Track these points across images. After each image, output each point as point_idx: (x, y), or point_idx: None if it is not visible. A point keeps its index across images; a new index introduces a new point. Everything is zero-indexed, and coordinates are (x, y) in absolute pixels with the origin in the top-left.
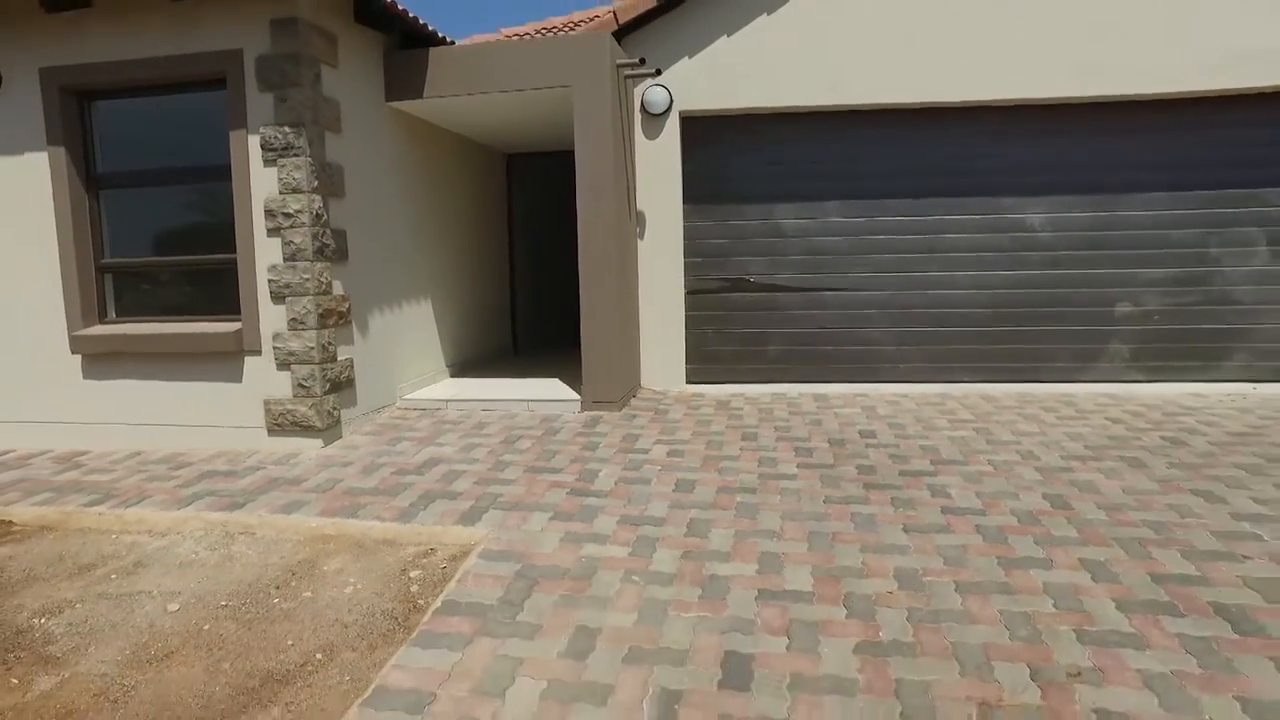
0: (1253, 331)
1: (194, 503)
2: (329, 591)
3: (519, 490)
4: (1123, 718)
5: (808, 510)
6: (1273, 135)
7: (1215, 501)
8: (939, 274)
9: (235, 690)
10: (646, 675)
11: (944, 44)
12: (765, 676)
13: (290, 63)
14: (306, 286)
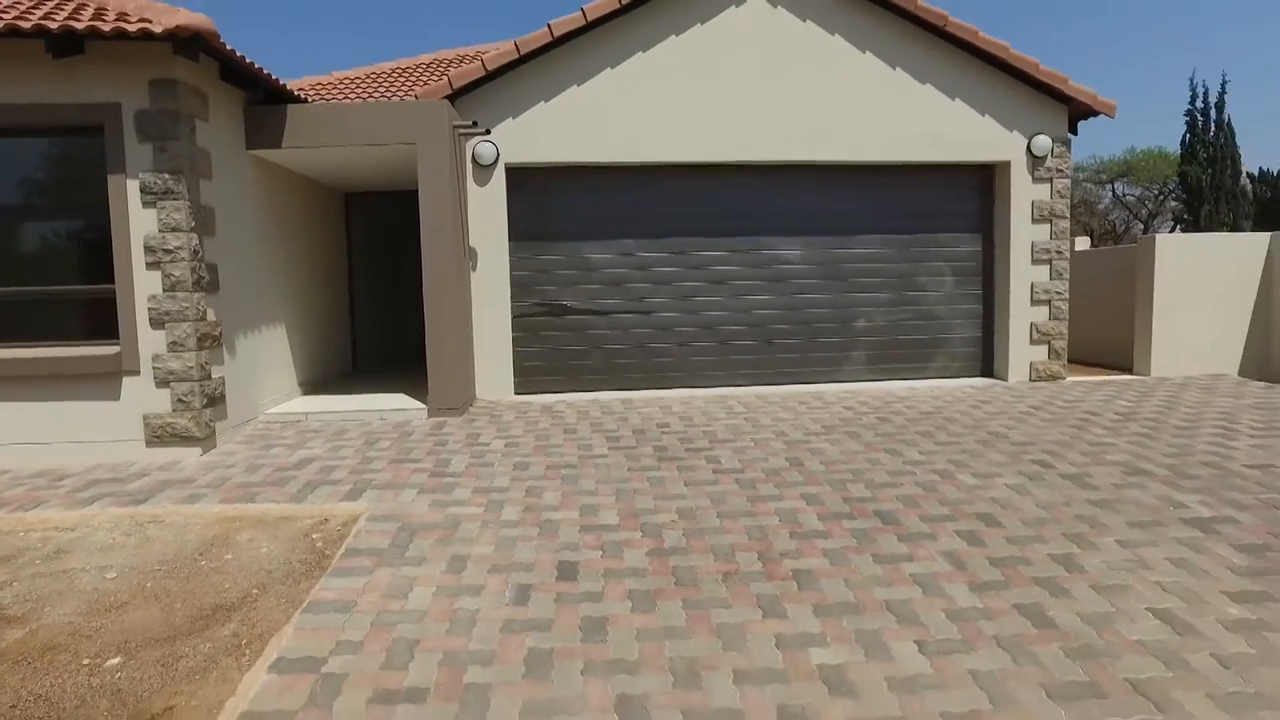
0: (947, 340)
1: (94, 502)
2: (247, 554)
3: (388, 475)
4: (808, 573)
5: (615, 476)
6: (947, 194)
7: (895, 455)
8: (719, 299)
9: (193, 619)
10: (505, 578)
11: (717, 117)
12: (587, 572)
13: (170, 118)
14: (186, 314)
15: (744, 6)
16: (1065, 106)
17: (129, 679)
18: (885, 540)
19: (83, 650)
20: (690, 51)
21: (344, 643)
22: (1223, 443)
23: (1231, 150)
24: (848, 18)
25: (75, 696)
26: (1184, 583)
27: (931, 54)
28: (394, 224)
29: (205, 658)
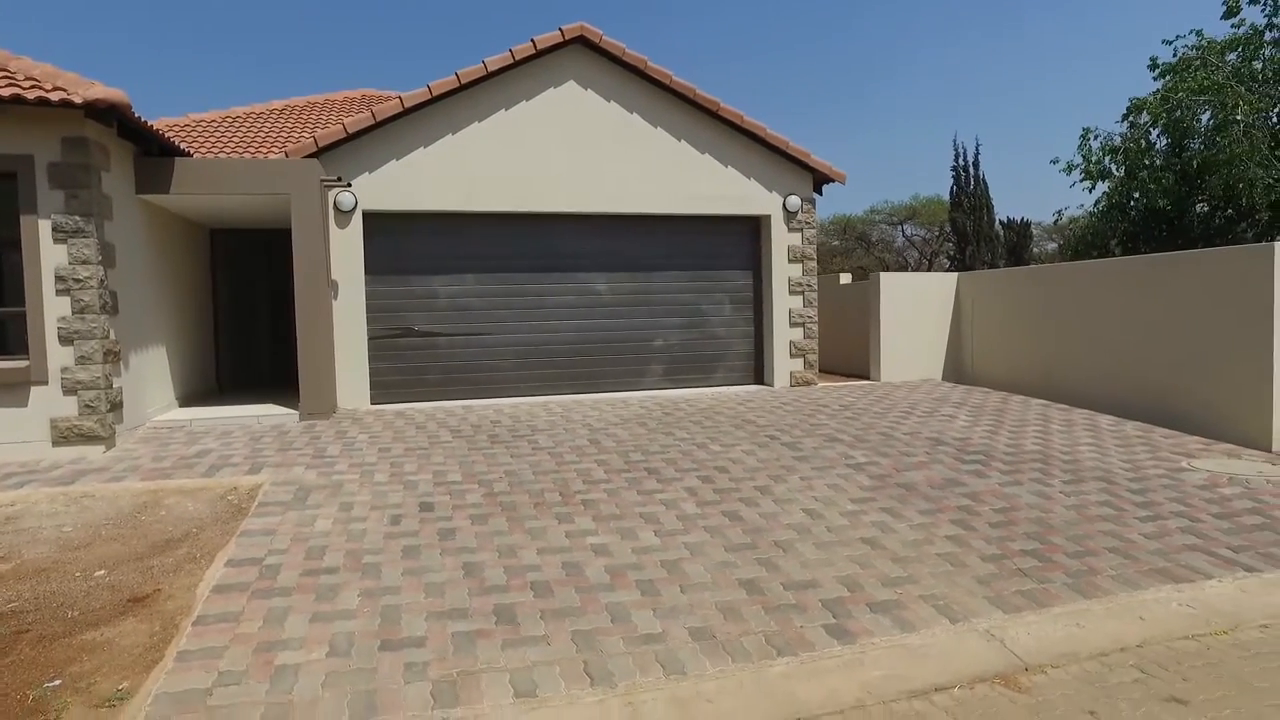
0: (727, 354)
1: (24, 486)
2: (177, 510)
3: (278, 459)
4: (591, 500)
5: (458, 454)
6: (725, 239)
7: (669, 435)
8: (542, 322)
9: (151, 548)
10: (381, 513)
11: (539, 173)
12: (440, 507)
13: (81, 170)
14: (95, 332)
15: (561, 88)
16: (810, 174)
17: (117, 581)
18: (648, 483)
19: (70, 570)
20: (517, 121)
21: (274, 550)
22: (898, 421)
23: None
24: (643, 99)
25: (80, 591)
26: (828, 496)
27: (709, 131)
28: (252, 257)
29: (172, 565)
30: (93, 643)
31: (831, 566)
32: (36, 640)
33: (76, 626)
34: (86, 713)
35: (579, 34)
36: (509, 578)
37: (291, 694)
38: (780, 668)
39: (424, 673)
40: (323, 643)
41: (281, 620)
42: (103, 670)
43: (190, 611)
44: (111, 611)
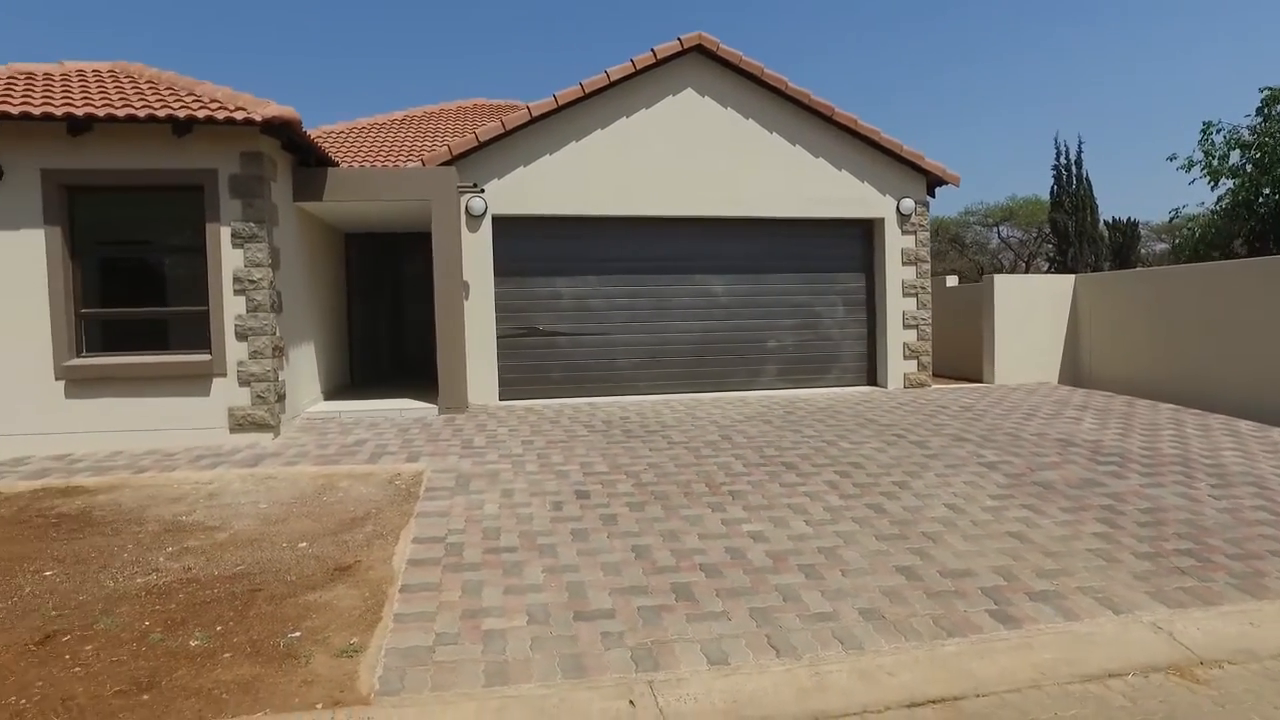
0: (840, 356)
1: (216, 468)
2: (352, 493)
3: (430, 448)
4: (738, 492)
5: (598, 447)
6: (838, 242)
7: (796, 433)
8: (661, 323)
9: (339, 525)
10: (542, 499)
11: (657, 179)
12: (595, 495)
13: (256, 181)
14: (265, 329)
15: (679, 95)
16: (923, 176)
17: (319, 552)
18: (788, 476)
19: (276, 541)
20: (637, 127)
21: (452, 530)
22: (1022, 422)
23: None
24: (759, 105)
25: (291, 560)
26: (966, 492)
27: (822, 135)
28: (377, 260)
29: (363, 541)
30: (316, 603)
31: (983, 557)
32: (269, 598)
33: (297, 589)
34: (329, 660)
35: (697, 43)
36: (677, 560)
37: (505, 654)
38: (952, 647)
39: (620, 640)
40: (520, 612)
41: (478, 591)
42: (332, 627)
43: (393, 581)
44: (323, 578)
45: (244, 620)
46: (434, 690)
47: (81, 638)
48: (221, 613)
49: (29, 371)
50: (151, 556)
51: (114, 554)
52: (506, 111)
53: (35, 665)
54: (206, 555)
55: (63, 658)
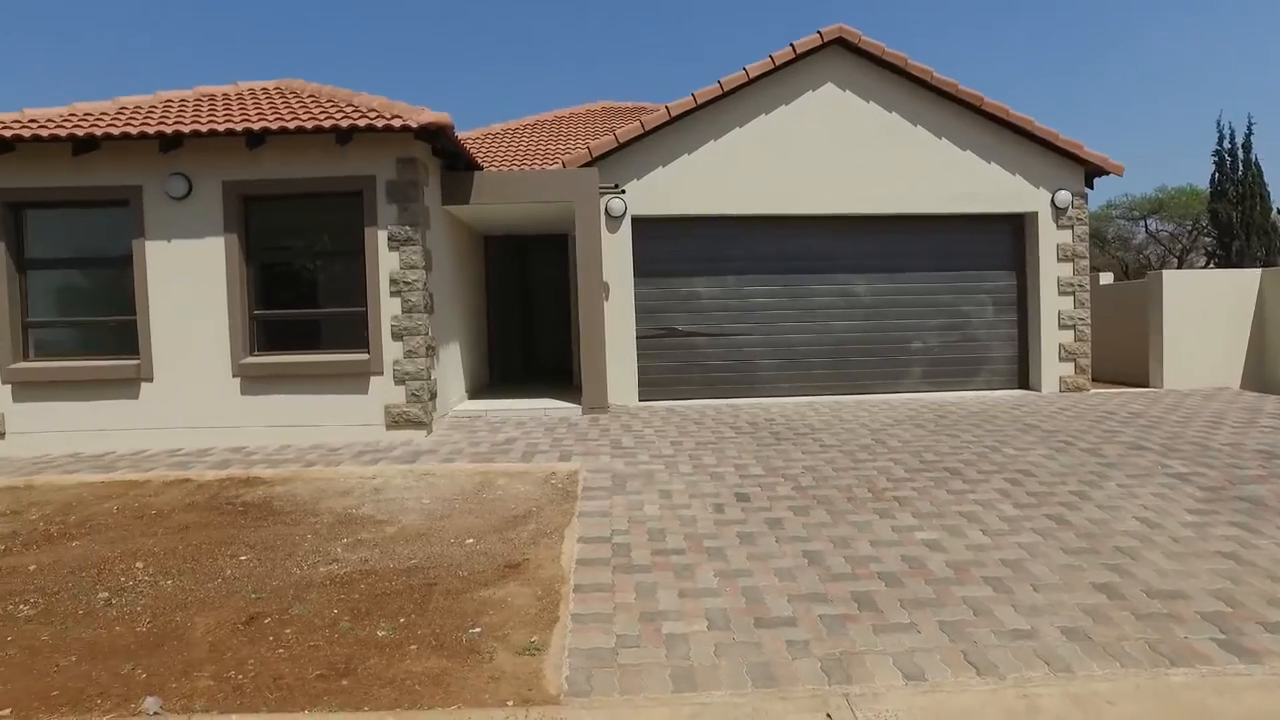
0: (989, 358)
1: (377, 463)
2: (511, 490)
3: (580, 448)
4: (904, 498)
5: (749, 448)
6: (987, 238)
7: (954, 438)
8: (800, 324)
9: (501, 522)
10: (702, 501)
11: (797, 177)
12: (755, 498)
13: (410, 185)
14: (419, 329)
15: (820, 90)
16: (1081, 167)
17: (486, 549)
18: (954, 483)
19: (443, 536)
20: (776, 125)
21: (616, 530)
22: (1208, 431)
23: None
24: (902, 98)
25: (460, 556)
26: (1158, 505)
27: (969, 127)
28: (514, 261)
29: (528, 538)
30: (491, 600)
31: (1194, 578)
32: (445, 593)
33: (470, 585)
34: (512, 658)
35: (838, 35)
36: (853, 567)
37: (690, 659)
38: (1180, 678)
39: (807, 650)
40: (699, 616)
41: (652, 594)
42: (510, 624)
43: (564, 580)
44: (493, 575)
45: (425, 614)
46: (623, 694)
47: (280, 621)
48: (402, 605)
49: (213, 369)
50: (329, 547)
51: (296, 543)
52: (635, 114)
53: (246, 643)
54: (380, 548)
55: (267, 638)
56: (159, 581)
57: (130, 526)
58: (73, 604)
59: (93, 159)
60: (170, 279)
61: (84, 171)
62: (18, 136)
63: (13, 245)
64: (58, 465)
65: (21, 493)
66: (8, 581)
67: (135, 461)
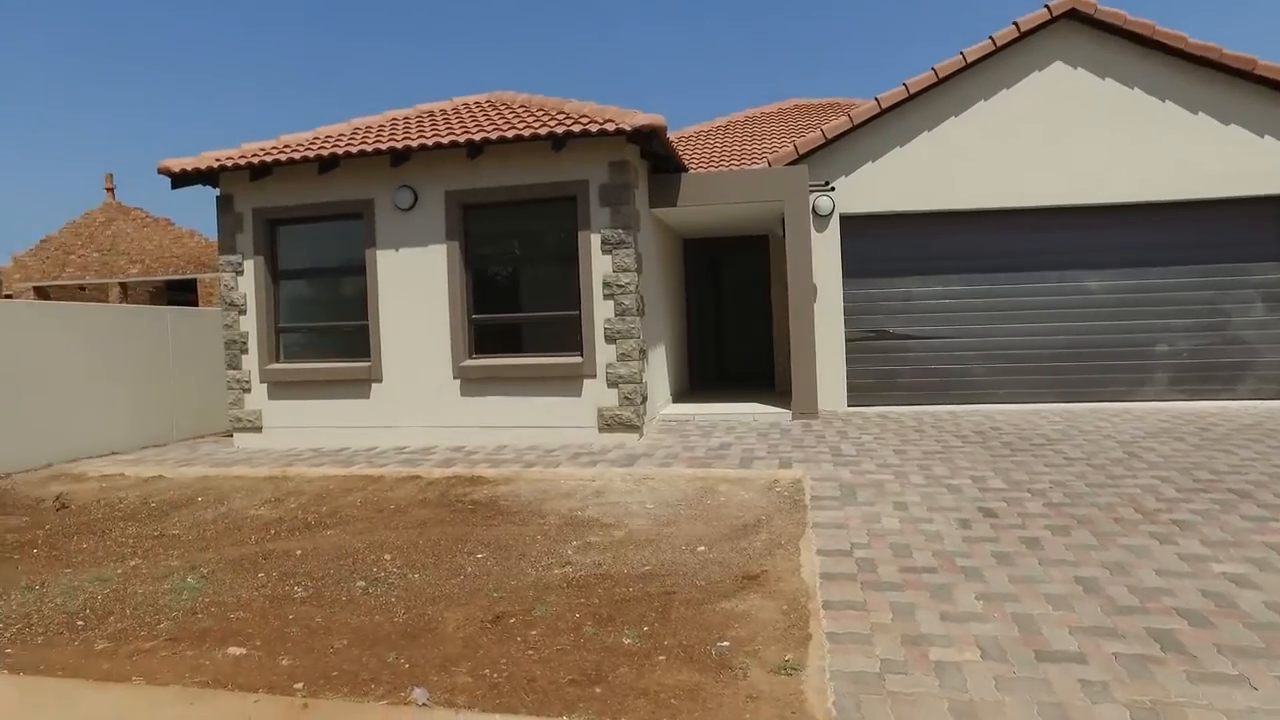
0: (1254, 364)
1: (595, 465)
2: (735, 497)
3: (799, 455)
4: (1184, 522)
5: (982, 459)
6: (1250, 226)
7: (1229, 454)
8: (1024, 325)
9: (730, 530)
10: (943, 515)
11: (1020, 166)
12: (1003, 514)
13: (622, 189)
14: (632, 332)
15: (1047, 70)
16: None
17: (720, 558)
18: (1245, 507)
19: (673, 543)
20: (997, 110)
21: (856, 544)
22: None
23: None
24: (1146, 72)
25: (694, 564)
26: None
27: (1234, 97)
28: (708, 263)
29: (761, 549)
30: (733, 612)
31: None
32: (685, 602)
33: (710, 595)
34: (767, 676)
35: (1069, 8)
36: (1140, 600)
37: (968, 692)
38: None
39: (1107, 693)
40: (968, 643)
41: (910, 615)
42: (758, 640)
43: (809, 595)
44: (732, 586)
45: (667, 623)
46: None
47: (525, 622)
48: (643, 612)
49: (435, 371)
50: (560, 549)
51: (528, 543)
52: (827, 110)
53: (495, 642)
54: (611, 552)
55: (515, 639)
56: (407, 575)
57: (373, 519)
58: (336, 590)
59: (333, 176)
60: (397, 285)
61: (326, 188)
62: (276, 160)
63: (269, 258)
64: (304, 459)
65: (280, 482)
66: (281, 564)
67: (369, 458)
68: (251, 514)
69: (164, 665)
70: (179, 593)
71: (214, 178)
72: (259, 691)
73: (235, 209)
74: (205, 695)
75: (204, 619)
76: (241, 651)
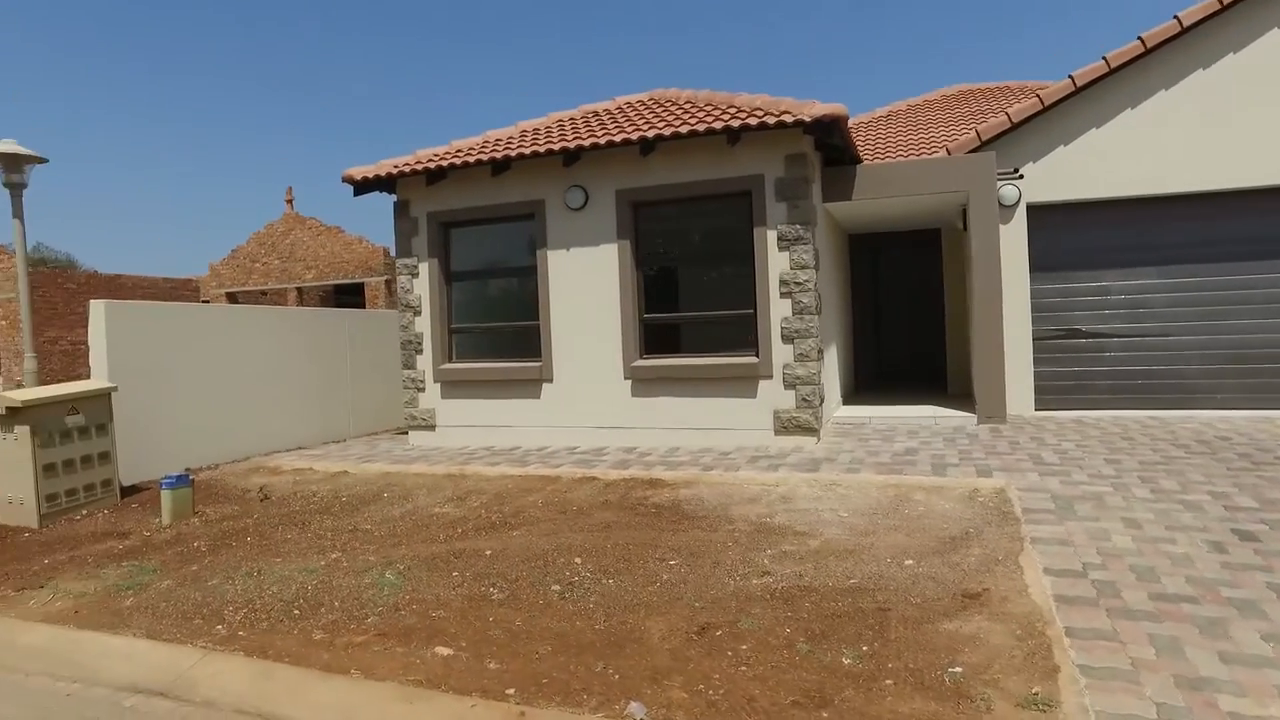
0: None
1: (776, 470)
2: (934, 507)
3: (996, 463)
4: None
5: (1217, 473)
6: None
7: None
8: (1247, 321)
9: (935, 543)
10: (1186, 535)
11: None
12: (1265, 538)
13: (801, 182)
14: (810, 332)
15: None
16: None
17: (931, 573)
18: None
19: (876, 554)
20: (1218, 81)
21: (1088, 564)
22: None
23: None
24: None
25: (903, 578)
26: None
27: None
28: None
29: (977, 565)
30: (959, 635)
31: None
32: (902, 621)
33: (928, 614)
34: (1015, 711)
35: None
36: None
37: None
38: None
39: None
40: (1270, 695)
41: (1177, 651)
42: (995, 667)
43: (1045, 620)
44: (951, 605)
45: (887, 643)
46: None
47: (732, 635)
48: (859, 630)
49: (606, 371)
50: (755, 557)
51: (720, 550)
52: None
53: (704, 655)
54: (810, 562)
55: (724, 652)
56: (601, 580)
57: (556, 521)
58: (532, 593)
59: (504, 178)
60: (567, 285)
61: (498, 190)
62: (451, 165)
63: (443, 260)
64: (479, 457)
65: (459, 480)
66: (473, 563)
67: (542, 457)
68: (436, 511)
69: (378, 660)
70: (380, 588)
71: (392, 184)
72: (473, 695)
73: (411, 213)
74: (422, 695)
75: (407, 616)
76: (449, 652)
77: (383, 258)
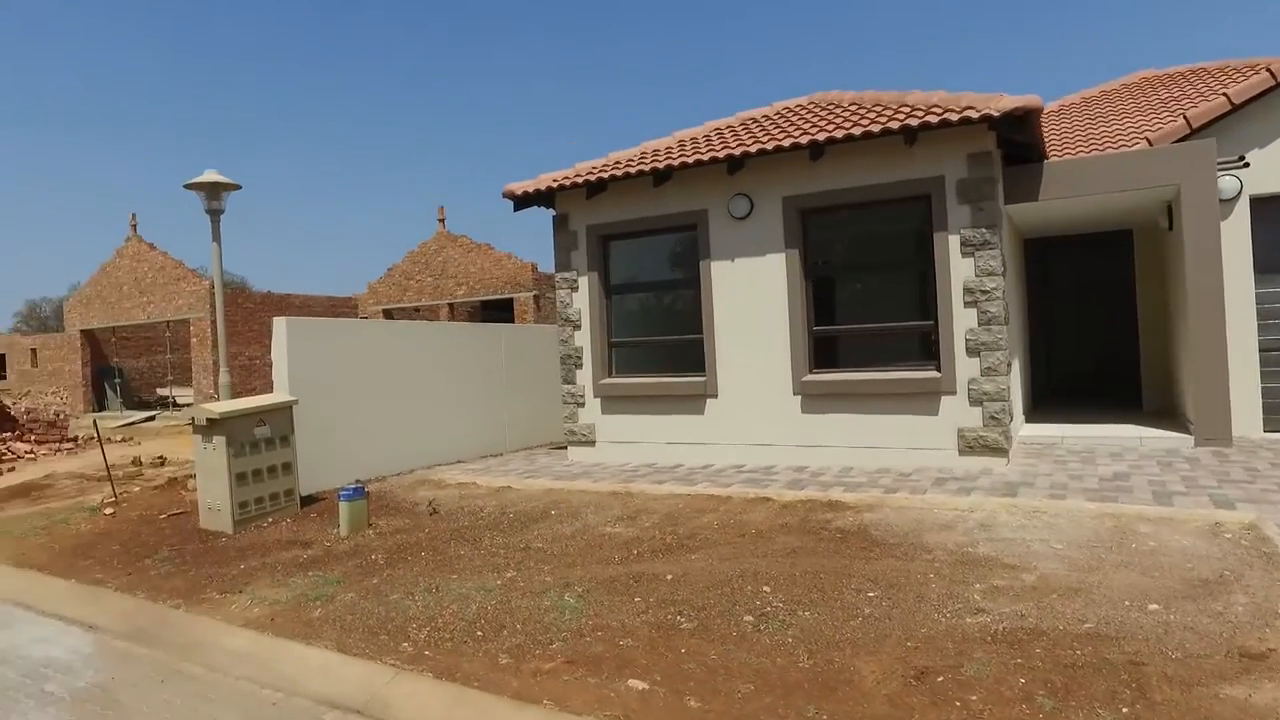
0: None
1: (968, 494)
2: (1168, 542)
3: (1237, 492)
4: None
5: None
6: None
7: None
8: None
9: (1182, 586)
10: None
11: None
12: None
13: (985, 183)
14: (998, 344)
15: None
16: None
17: (1187, 621)
18: None
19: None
20: None
21: None
22: None
23: None
24: None
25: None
26: None
27: None
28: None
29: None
30: (1249, 706)
31: None
32: (1164, 680)
33: (1197, 674)
34: None
35: None
36: None
37: None
38: None
39: None
40: None
41: None
42: None
43: None
44: (1226, 664)
45: (1151, 706)
46: None
47: (957, 682)
48: (1111, 687)
49: (773, 386)
50: (964, 592)
51: (920, 582)
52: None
53: (928, 704)
54: (1031, 601)
55: (952, 702)
56: (796, 611)
57: (736, 544)
58: (722, 623)
59: (664, 189)
60: (732, 297)
61: (657, 201)
62: (612, 176)
63: (602, 273)
64: (643, 475)
65: (625, 499)
66: (654, 588)
67: (709, 476)
68: (607, 531)
69: (569, 691)
70: (561, 611)
71: (551, 198)
72: None
73: (570, 226)
74: None
75: (593, 643)
76: (644, 686)
77: (531, 273)
